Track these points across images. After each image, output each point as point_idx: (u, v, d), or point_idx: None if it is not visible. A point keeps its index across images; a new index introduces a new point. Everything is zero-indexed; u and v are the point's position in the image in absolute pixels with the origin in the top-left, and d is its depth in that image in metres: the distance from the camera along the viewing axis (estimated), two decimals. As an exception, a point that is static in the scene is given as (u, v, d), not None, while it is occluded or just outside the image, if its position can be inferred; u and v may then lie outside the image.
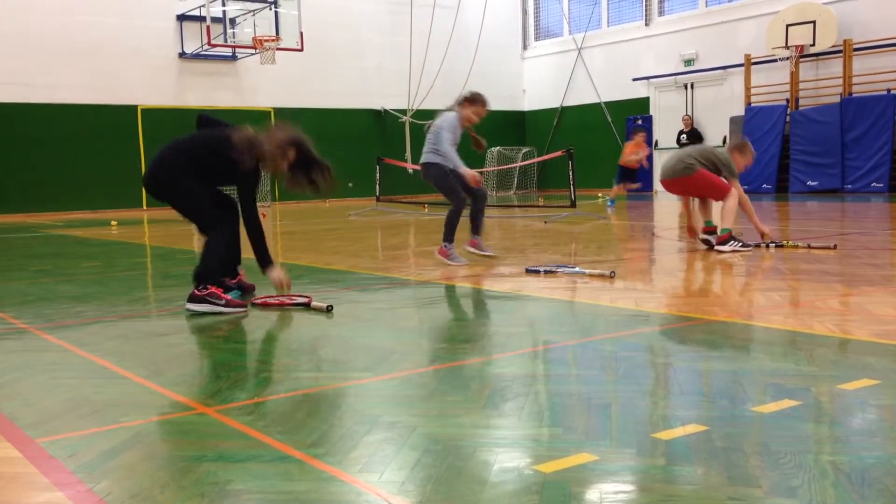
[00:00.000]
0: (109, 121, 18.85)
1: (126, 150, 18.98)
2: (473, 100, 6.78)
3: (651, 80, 21.38)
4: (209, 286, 4.82)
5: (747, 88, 18.85)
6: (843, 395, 2.81)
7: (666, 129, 20.97)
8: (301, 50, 18.82)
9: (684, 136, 20.09)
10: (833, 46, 17.26)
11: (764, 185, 18.10)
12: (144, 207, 19.22)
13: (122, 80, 19.01)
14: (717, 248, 7.22)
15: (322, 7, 20.74)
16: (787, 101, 18.11)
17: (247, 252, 5.21)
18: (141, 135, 19.13)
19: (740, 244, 7.23)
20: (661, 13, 21.42)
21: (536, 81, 24.62)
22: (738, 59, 19.09)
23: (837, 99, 17.26)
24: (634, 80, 21.65)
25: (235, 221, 5.15)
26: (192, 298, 4.83)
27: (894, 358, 3.32)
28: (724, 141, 19.59)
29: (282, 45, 18.30)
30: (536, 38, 24.93)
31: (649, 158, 15.95)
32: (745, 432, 2.44)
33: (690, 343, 3.77)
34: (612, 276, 5.71)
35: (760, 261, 6.63)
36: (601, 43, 22.65)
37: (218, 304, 4.77)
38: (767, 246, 7.36)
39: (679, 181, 7.54)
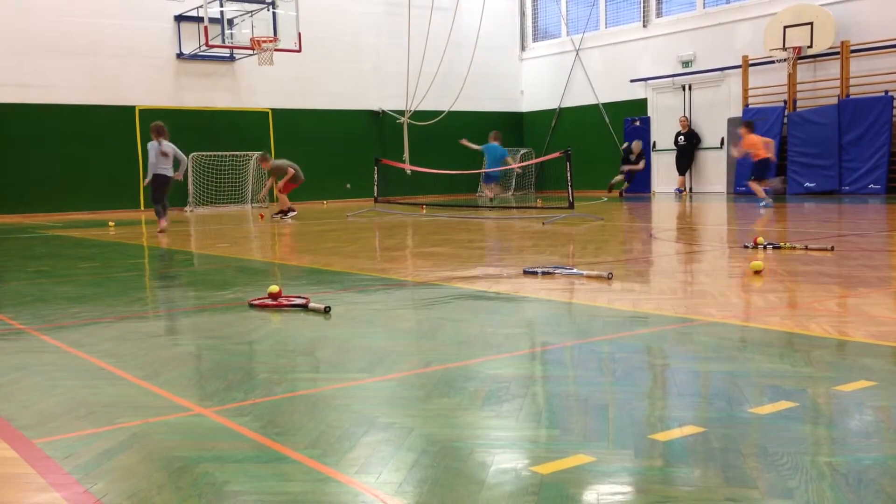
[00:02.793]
0: (107, 121, 18.82)
1: (124, 150, 18.96)
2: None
3: (649, 81, 21.38)
4: None
5: (745, 90, 18.86)
6: (840, 396, 2.82)
7: (663, 131, 20.99)
8: (299, 51, 18.80)
9: (682, 137, 20.12)
10: (830, 48, 17.27)
11: (761, 187, 18.11)
12: (142, 208, 19.20)
13: (120, 80, 18.98)
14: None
15: (320, 8, 20.73)
16: (785, 102, 18.12)
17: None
18: (139, 136, 19.10)
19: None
20: (658, 14, 21.42)
21: (534, 83, 24.61)
22: (736, 61, 19.11)
23: (835, 100, 17.27)
24: (632, 81, 21.65)
25: None
26: None
27: (891, 359, 3.33)
28: (722, 143, 19.62)
29: (280, 46, 18.27)
30: (534, 40, 24.92)
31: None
32: (742, 434, 2.44)
33: (688, 344, 3.78)
34: (609, 278, 5.71)
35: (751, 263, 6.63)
36: (599, 44, 22.65)
37: None
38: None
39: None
